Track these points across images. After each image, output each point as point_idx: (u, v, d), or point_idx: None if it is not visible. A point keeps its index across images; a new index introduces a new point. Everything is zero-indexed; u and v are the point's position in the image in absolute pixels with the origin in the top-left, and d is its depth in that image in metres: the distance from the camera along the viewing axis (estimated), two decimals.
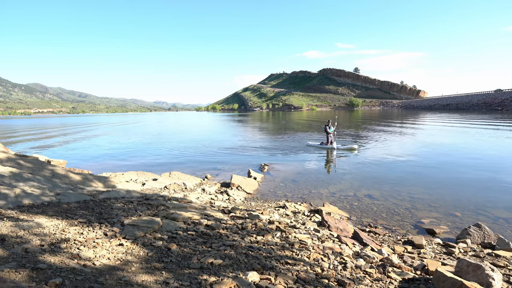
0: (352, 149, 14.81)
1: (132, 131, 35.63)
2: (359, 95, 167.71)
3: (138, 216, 4.02)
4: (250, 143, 19.56)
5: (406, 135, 21.57)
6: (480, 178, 8.93)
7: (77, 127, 47.49)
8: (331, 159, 13.13)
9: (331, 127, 15.89)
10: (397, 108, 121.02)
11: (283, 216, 5.52)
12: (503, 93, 77.50)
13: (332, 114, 79.10)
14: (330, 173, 10.40)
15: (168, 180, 8.38)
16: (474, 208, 6.38)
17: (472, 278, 2.79)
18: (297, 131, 28.81)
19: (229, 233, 3.77)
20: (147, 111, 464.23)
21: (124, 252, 2.80)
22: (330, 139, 15.62)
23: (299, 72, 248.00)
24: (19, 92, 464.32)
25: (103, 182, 6.81)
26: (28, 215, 3.50)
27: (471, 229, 4.86)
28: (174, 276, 2.44)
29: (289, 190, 8.30)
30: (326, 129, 15.77)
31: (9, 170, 5.38)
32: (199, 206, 5.33)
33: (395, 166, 11.03)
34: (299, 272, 2.81)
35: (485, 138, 18.05)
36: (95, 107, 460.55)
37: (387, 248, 4.24)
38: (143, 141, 22.52)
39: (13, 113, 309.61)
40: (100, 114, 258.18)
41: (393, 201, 7.00)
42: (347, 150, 14.74)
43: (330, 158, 13.22)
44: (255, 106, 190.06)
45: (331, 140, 15.63)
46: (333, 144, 15.46)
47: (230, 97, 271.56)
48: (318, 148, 15.89)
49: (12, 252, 2.45)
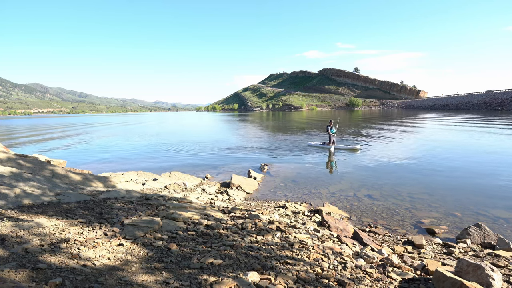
0: (355, 149, 14.80)
1: (132, 131, 35.63)
2: (359, 95, 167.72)
3: (138, 216, 4.02)
4: (250, 143, 19.56)
5: (406, 135, 21.57)
6: (480, 178, 8.93)
7: (77, 127, 47.49)
8: (332, 159, 13.11)
9: (333, 127, 15.89)
10: (397, 108, 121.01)
11: (283, 216, 5.52)
12: (503, 93, 77.50)
13: (332, 114, 79.11)
14: (330, 173, 10.40)
15: (168, 180, 8.38)
16: (474, 208, 6.38)
17: (472, 278, 2.79)
18: (297, 131, 28.80)
19: (229, 233, 3.77)
20: (147, 111, 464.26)
21: (124, 252, 2.80)
22: (332, 139, 15.63)
23: (299, 72, 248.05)
24: (19, 92, 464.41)
25: (103, 182, 6.81)
26: (28, 215, 3.50)
27: (471, 229, 4.86)
28: (174, 276, 2.44)
29: (289, 190, 8.30)
30: (328, 130, 15.78)
31: (9, 170, 5.38)
32: (199, 206, 5.33)
33: (395, 166, 11.03)
34: (299, 272, 2.81)
35: (485, 138, 18.05)
36: (95, 107, 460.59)
37: (387, 248, 4.24)
38: (143, 141, 22.52)
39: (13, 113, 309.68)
40: (100, 114, 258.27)
41: (393, 201, 7.00)
42: (349, 150, 14.73)
43: (331, 158, 13.19)
44: (255, 106, 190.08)
45: (333, 140, 15.65)
46: (335, 144, 15.49)
47: (230, 97, 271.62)
48: (320, 148, 15.89)
49: (12, 252, 2.45)
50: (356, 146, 15.11)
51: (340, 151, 14.84)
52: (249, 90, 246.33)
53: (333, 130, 15.79)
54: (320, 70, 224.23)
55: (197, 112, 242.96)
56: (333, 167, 11.30)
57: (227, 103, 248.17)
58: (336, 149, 15.14)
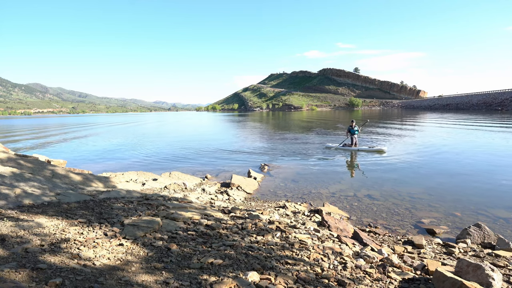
0: (381, 151, 13.77)
1: (132, 131, 35.62)
2: (359, 95, 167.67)
3: (138, 216, 4.02)
4: (250, 143, 19.56)
5: (406, 135, 21.57)
6: (480, 178, 8.92)
7: (77, 127, 47.49)
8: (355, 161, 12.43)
9: (356, 127, 14.92)
10: (397, 108, 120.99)
11: (283, 216, 5.52)
12: (503, 93, 77.49)
13: (332, 114, 79.11)
14: (330, 173, 10.39)
15: (168, 180, 8.39)
16: (474, 208, 6.38)
17: (472, 278, 2.79)
18: (297, 131, 28.81)
19: (229, 233, 3.77)
20: (147, 111, 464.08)
21: (124, 252, 2.81)
22: (355, 141, 14.79)
23: (299, 72, 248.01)
24: (19, 92, 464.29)
25: (103, 182, 6.81)
26: (28, 215, 3.50)
27: (471, 229, 4.86)
28: (174, 276, 2.44)
29: (289, 190, 8.30)
30: (350, 130, 14.87)
31: (9, 170, 5.39)
32: (199, 206, 5.33)
33: (395, 166, 11.03)
34: (299, 272, 2.81)
35: (485, 138, 18.05)
36: (95, 107, 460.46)
37: (387, 248, 4.24)
38: (143, 141, 22.51)
39: (13, 113, 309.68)
40: (100, 114, 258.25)
41: (393, 201, 7.00)
42: (375, 152, 13.81)
43: (354, 161, 12.49)
44: (255, 106, 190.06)
45: (356, 141, 14.82)
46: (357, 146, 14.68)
47: (230, 97, 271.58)
48: (339, 149, 14.89)
49: (12, 252, 2.45)
50: (383, 148, 14.03)
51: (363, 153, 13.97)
52: (249, 90, 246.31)
53: (355, 130, 14.82)
54: (320, 70, 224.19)
55: (197, 112, 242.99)
56: (333, 167, 11.27)
57: (227, 103, 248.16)
58: (359, 151, 14.27)
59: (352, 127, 14.95)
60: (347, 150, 14.61)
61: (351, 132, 14.95)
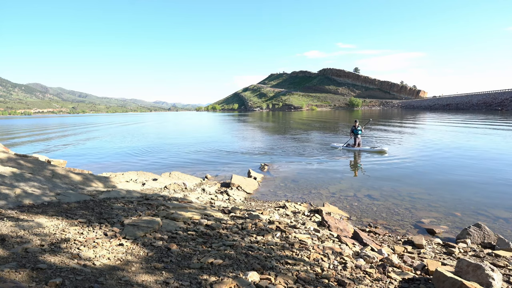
0: (382, 152, 13.74)
1: (132, 131, 35.62)
2: (359, 95, 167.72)
3: (138, 216, 4.02)
4: (250, 143, 19.56)
5: (406, 135, 21.58)
6: (480, 178, 8.92)
7: (77, 127, 47.50)
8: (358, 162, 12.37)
9: (359, 127, 14.91)
10: (397, 108, 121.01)
11: (283, 216, 5.52)
12: (503, 93, 77.50)
13: (332, 114, 79.10)
14: (330, 173, 10.38)
15: (168, 180, 8.38)
16: (474, 208, 6.38)
17: (472, 278, 2.79)
18: (297, 131, 28.80)
19: (229, 233, 3.77)
20: (147, 111, 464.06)
21: (124, 252, 2.81)
22: (358, 141, 14.74)
23: (299, 72, 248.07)
24: (19, 92, 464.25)
25: (103, 182, 6.81)
26: (29, 215, 3.50)
27: (471, 229, 4.86)
28: (174, 276, 2.44)
29: (289, 190, 8.30)
30: (353, 130, 14.84)
31: (9, 170, 5.39)
32: (199, 206, 5.33)
33: (395, 166, 11.03)
34: (299, 272, 2.81)
35: (485, 138, 18.05)
36: (95, 107, 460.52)
37: (387, 248, 4.25)
38: (143, 141, 22.52)
39: (13, 113, 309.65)
40: (100, 114, 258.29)
41: (393, 201, 7.00)
42: (376, 153, 13.76)
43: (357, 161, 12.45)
44: (255, 106, 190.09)
45: (359, 142, 14.79)
46: (361, 146, 14.67)
47: (230, 97, 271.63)
48: (344, 150, 14.89)
49: (12, 252, 2.45)
50: (384, 148, 14.00)
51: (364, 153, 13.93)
52: (249, 90, 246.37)
53: (358, 130, 14.78)
54: (320, 70, 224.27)
55: (197, 112, 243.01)
56: (333, 167, 11.26)
57: (227, 103, 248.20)
58: (361, 151, 14.24)
59: (356, 127, 14.92)
60: (350, 151, 14.64)
61: (354, 132, 14.94)
